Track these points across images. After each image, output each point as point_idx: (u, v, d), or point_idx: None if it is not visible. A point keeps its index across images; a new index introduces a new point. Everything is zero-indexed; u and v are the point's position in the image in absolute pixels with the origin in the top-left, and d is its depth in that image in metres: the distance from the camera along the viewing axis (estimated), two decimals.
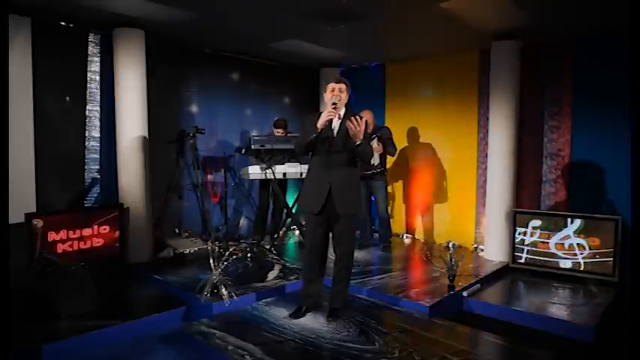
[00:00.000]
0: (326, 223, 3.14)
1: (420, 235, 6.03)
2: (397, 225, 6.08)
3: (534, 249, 4.48)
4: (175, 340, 3.11)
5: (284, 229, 5.60)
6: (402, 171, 6.07)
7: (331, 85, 3.07)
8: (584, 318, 3.36)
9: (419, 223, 6.05)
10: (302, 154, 3.25)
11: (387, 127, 5.30)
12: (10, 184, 2.18)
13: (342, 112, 3.08)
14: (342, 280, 3.27)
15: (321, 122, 2.93)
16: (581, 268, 4.24)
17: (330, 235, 3.23)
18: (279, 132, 5.28)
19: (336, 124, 3.05)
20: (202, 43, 5.26)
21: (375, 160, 4.99)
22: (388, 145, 5.10)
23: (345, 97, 3.06)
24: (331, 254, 3.29)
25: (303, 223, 3.30)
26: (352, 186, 3.11)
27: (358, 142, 2.94)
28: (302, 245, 5.24)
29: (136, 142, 4.50)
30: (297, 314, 3.26)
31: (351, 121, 2.89)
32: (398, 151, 5.39)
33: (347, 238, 3.17)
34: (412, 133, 5.95)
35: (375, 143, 4.96)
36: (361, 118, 2.97)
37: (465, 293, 3.86)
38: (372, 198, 5.32)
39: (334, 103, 2.97)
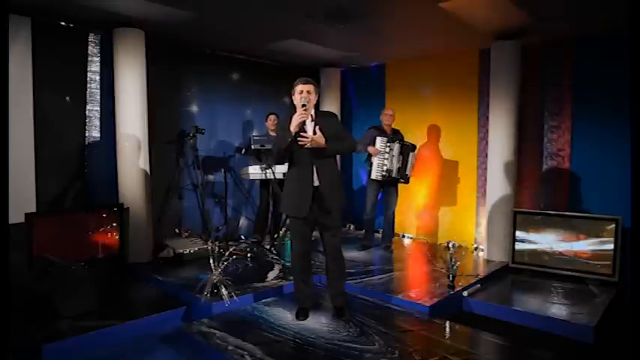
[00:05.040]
0: (313, 222, 3.14)
1: (420, 235, 6.03)
2: (398, 225, 6.07)
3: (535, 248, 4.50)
4: (175, 340, 3.12)
5: (284, 229, 5.60)
6: None
7: (299, 87, 3.01)
8: (584, 318, 3.36)
9: (419, 223, 6.05)
10: (281, 161, 3.14)
11: (399, 131, 5.18)
12: (10, 184, 2.19)
13: (313, 112, 3.07)
14: (339, 278, 3.30)
15: (293, 125, 2.91)
16: (581, 268, 4.24)
17: (320, 234, 3.24)
18: (271, 120, 5.30)
19: (309, 125, 3.03)
20: (202, 43, 5.26)
21: (410, 172, 4.98)
22: None
23: (313, 98, 3.03)
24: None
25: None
26: (337, 182, 3.18)
27: (325, 148, 2.98)
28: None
29: (135, 142, 4.50)
30: (304, 315, 3.26)
31: (300, 139, 2.91)
32: None
33: (338, 234, 3.22)
34: (412, 134, 5.94)
35: (414, 156, 4.97)
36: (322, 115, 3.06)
37: (465, 293, 3.86)
38: (379, 197, 5.26)
39: (304, 105, 2.95)
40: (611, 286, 4.05)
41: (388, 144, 4.90)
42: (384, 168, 4.91)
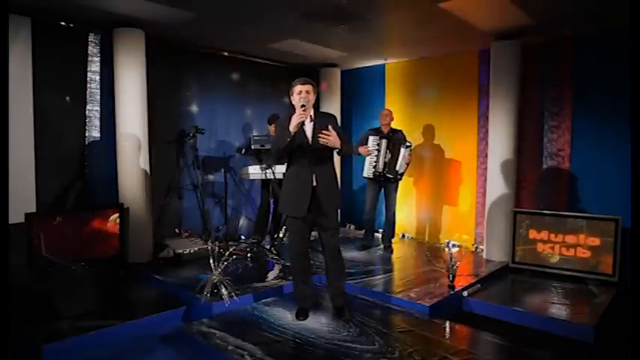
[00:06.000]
0: (311, 222, 3.15)
1: (420, 235, 6.03)
2: (398, 225, 6.06)
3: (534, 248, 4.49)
4: (175, 340, 3.12)
5: (284, 228, 5.59)
6: None
7: (298, 87, 3.01)
8: (584, 318, 3.36)
9: (419, 223, 6.05)
10: (279, 161, 3.18)
11: (401, 131, 5.16)
12: (10, 184, 2.19)
13: (312, 113, 3.07)
14: (339, 278, 3.30)
15: (292, 126, 2.92)
16: (581, 268, 4.24)
17: (318, 234, 3.24)
18: (272, 128, 5.28)
19: (308, 125, 3.04)
20: (202, 43, 5.26)
21: (402, 169, 4.91)
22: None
23: (312, 98, 3.03)
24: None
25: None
26: (334, 183, 3.19)
27: (339, 149, 3.01)
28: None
29: (136, 142, 4.50)
30: (304, 315, 3.26)
31: (321, 135, 2.92)
32: None
33: (336, 234, 3.22)
34: (412, 134, 5.94)
35: (408, 152, 4.90)
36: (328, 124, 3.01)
37: (465, 293, 3.86)
38: (380, 197, 5.24)
39: (303, 105, 2.95)
40: (611, 286, 4.05)
41: (377, 141, 4.92)
42: (373, 164, 4.93)
